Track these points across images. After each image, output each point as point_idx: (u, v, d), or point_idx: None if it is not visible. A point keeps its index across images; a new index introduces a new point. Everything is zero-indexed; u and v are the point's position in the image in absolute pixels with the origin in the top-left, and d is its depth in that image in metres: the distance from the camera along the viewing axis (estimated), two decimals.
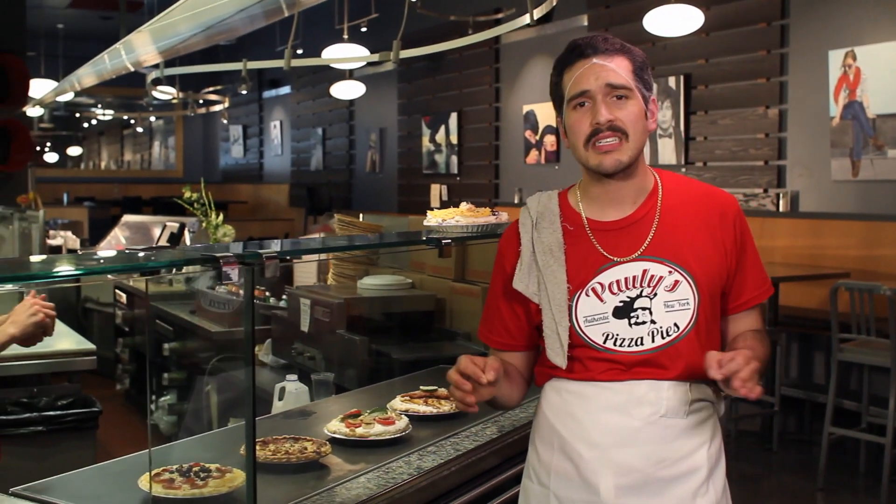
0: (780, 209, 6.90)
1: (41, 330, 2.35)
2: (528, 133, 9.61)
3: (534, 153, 9.55)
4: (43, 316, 2.34)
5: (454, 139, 10.84)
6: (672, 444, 1.89)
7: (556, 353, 1.93)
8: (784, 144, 6.96)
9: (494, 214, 2.95)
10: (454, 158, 10.86)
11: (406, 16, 4.49)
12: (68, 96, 10.56)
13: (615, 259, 1.92)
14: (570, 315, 1.92)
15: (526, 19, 4.10)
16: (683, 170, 7.66)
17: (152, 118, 18.83)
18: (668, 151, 7.78)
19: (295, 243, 3.27)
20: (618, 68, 1.89)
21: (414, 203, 11.49)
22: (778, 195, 6.92)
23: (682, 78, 7.64)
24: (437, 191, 11.06)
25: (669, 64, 7.80)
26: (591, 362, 1.92)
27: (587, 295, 1.92)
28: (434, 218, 2.92)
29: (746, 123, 7.20)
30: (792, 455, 5.98)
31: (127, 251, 2.31)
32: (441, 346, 3.92)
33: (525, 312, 2.00)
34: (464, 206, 2.93)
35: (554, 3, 4.19)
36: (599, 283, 1.92)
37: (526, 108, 9.62)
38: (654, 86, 2.01)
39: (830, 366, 5.33)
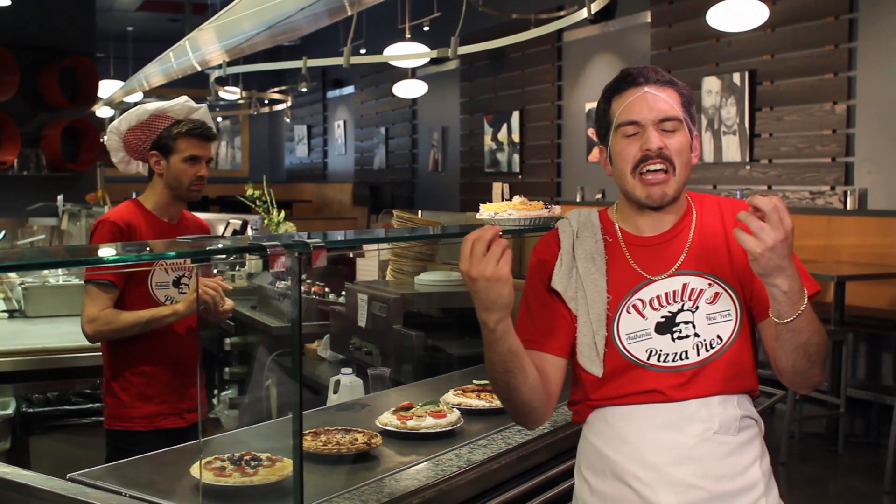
0: (848, 207, 6.75)
1: (203, 305, 2.73)
2: (590, 131, 9.55)
3: (596, 151, 9.47)
4: (203, 293, 2.71)
5: (516, 137, 10.81)
6: (727, 459, 1.87)
7: (592, 361, 1.91)
8: (852, 141, 6.82)
9: (548, 208, 2.92)
10: (516, 157, 10.84)
11: (466, 13, 4.49)
12: (137, 96, 10.75)
13: (649, 277, 1.91)
14: (609, 327, 1.90)
15: (584, 13, 4.07)
16: (748, 167, 7.55)
17: (219, 118, 19.10)
18: (732, 149, 7.67)
19: (348, 236, 3.28)
20: (669, 99, 1.90)
21: (476, 202, 11.34)
22: (845, 192, 6.78)
23: (746, 74, 7.52)
24: (499, 189, 11.01)
25: (734, 60, 7.69)
26: (634, 388, 1.88)
27: (628, 312, 1.91)
28: (486, 211, 2.91)
29: (813, 120, 7.06)
30: (858, 458, 5.85)
31: (178, 240, 2.34)
32: None
33: (562, 312, 1.95)
34: (517, 199, 2.91)
35: None
36: (640, 300, 1.91)
37: (588, 106, 9.56)
38: (697, 122, 2.00)
39: None
